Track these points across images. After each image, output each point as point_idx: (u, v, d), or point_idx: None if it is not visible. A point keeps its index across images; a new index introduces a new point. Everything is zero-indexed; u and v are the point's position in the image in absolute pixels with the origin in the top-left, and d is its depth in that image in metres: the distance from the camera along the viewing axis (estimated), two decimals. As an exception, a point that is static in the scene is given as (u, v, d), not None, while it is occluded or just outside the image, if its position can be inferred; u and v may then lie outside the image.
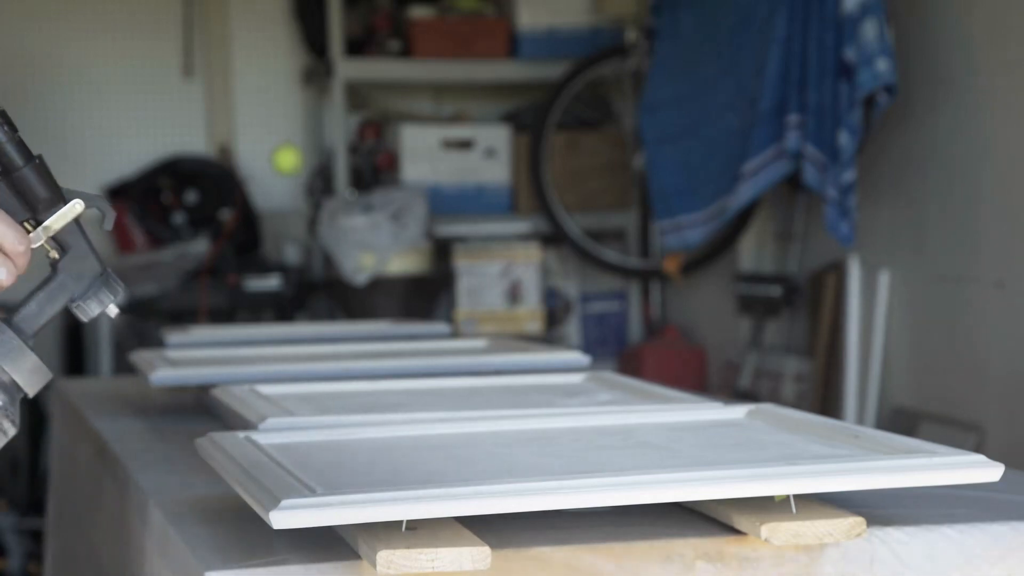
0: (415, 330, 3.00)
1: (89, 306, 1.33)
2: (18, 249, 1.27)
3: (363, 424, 1.66)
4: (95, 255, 1.33)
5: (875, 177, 4.10)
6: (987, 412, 3.67)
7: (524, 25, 5.24)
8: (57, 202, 1.30)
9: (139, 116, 5.25)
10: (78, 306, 1.33)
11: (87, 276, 1.33)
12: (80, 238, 1.32)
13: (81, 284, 1.33)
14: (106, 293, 1.34)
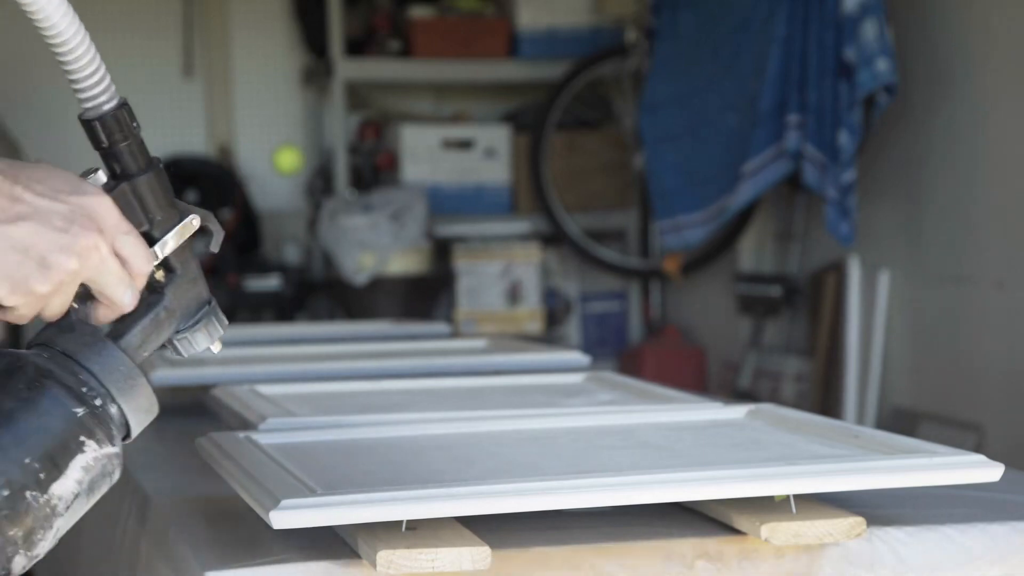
0: (415, 330, 3.00)
1: (196, 339, 1.17)
2: (144, 270, 1.12)
3: (363, 424, 1.66)
4: (203, 280, 1.17)
5: (875, 177, 4.10)
6: (987, 412, 3.67)
7: (524, 25, 5.24)
8: (175, 216, 1.14)
9: (139, 116, 5.24)
10: (183, 339, 1.16)
11: (195, 304, 1.17)
12: (191, 259, 1.16)
13: (189, 312, 1.16)
14: (215, 325, 1.18)
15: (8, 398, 1.06)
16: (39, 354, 1.10)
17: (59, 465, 1.06)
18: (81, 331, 1.12)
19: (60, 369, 1.09)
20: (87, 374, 1.10)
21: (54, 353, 1.10)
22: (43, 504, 1.06)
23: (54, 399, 1.08)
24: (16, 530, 1.05)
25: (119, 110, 1.15)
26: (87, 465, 1.08)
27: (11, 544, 1.05)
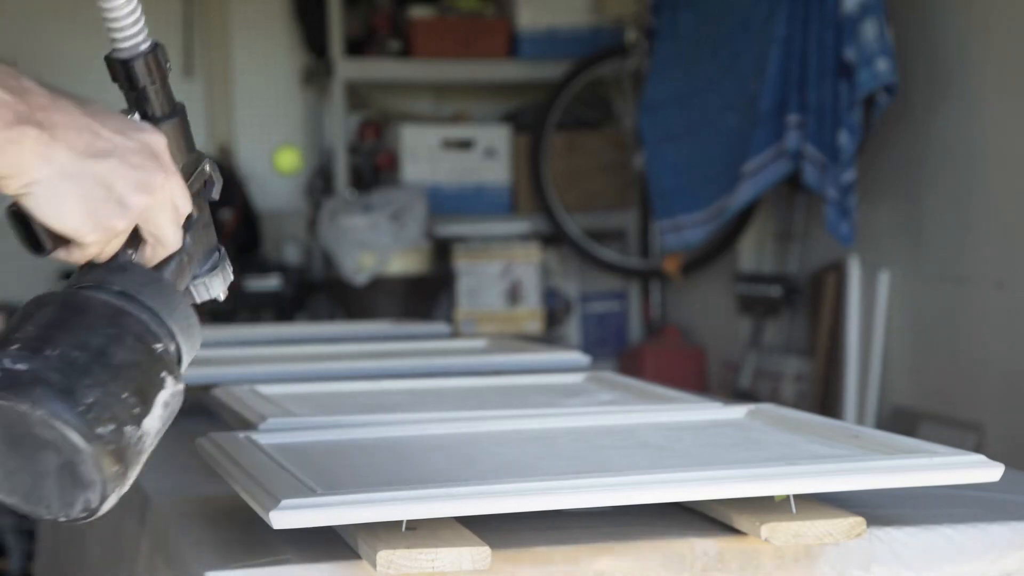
0: (415, 330, 3.00)
1: (212, 284, 1.17)
2: (187, 211, 1.13)
3: (363, 424, 1.66)
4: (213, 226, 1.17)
5: (875, 177, 4.10)
6: (987, 412, 3.67)
7: (524, 25, 5.24)
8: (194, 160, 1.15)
9: (139, 116, 5.25)
10: (199, 284, 1.16)
11: (209, 249, 1.17)
12: (205, 204, 1.16)
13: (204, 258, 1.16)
14: (226, 271, 1.18)
15: (94, 335, 1.04)
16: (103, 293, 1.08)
17: (147, 400, 1.05)
18: (134, 271, 1.11)
19: (132, 307, 1.08)
20: (150, 313, 1.08)
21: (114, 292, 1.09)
22: (139, 439, 1.05)
23: (137, 336, 1.06)
24: (119, 466, 1.04)
25: (154, 51, 1.14)
26: (167, 401, 1.07)
27: (112, 480, 1.04)
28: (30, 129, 1.06)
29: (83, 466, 1.02)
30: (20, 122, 1.06)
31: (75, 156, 1.08)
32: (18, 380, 1.00)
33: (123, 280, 1.09)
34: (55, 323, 1.04)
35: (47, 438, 1.01)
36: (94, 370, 1.02)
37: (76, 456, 1.02)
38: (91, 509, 1.05)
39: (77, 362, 1.02)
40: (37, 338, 1.03)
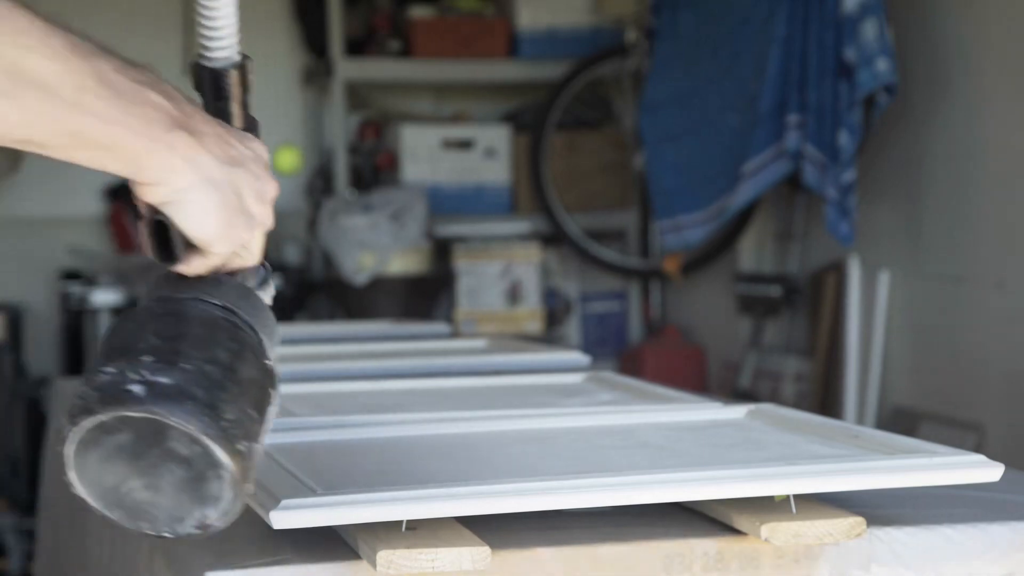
0: (415, 330, 3.00)
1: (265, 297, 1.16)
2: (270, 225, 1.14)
3: (363, 424, 1.66)
4: None
5: (875, 177, 4.10)
6: (987, 412, 3.67)
7: (524, 25, 5.24)
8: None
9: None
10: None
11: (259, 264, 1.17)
12: None
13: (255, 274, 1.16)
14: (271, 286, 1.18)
15: (220, 350, 1.04)
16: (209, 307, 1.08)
17: (264, 416, 1.06)
18: (229, 284, 1.11)
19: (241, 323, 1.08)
20: (251, 329, 1.09)
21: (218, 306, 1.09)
22: (258, 455, 1.05)
23: (254, 351, 1.07)
24: (247, 483, 1.04)
25: (244, 63, 1.14)
26: (272, 416, 1.07)
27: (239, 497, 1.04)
28: (183, 135, 1.06)
29: (214, 482, 1.02)
30: (175, 127, 1.05)
31: (218, 164, 1.07)
32: (164, 393, 0.99)
33: (222, 294, 1.10)
34: (180, 336, 1.04)
35: (182, 453, 1.01)
36: (227, 385, 1.02)
37: (212, 471, 1.01)
38: (206, 526, 1.04)
39: (212, 377, 1.02)
40: (169, 351, 1.02)
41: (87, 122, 1.00)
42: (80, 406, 1.00)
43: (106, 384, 1.00)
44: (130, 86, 1.03)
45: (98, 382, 1.00)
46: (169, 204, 1.07)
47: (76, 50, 1.00)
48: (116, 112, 1.01)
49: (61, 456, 1.05)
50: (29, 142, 1.00)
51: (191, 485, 1.02)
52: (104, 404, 0.99)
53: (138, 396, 0.99)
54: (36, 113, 0.98)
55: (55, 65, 0.98)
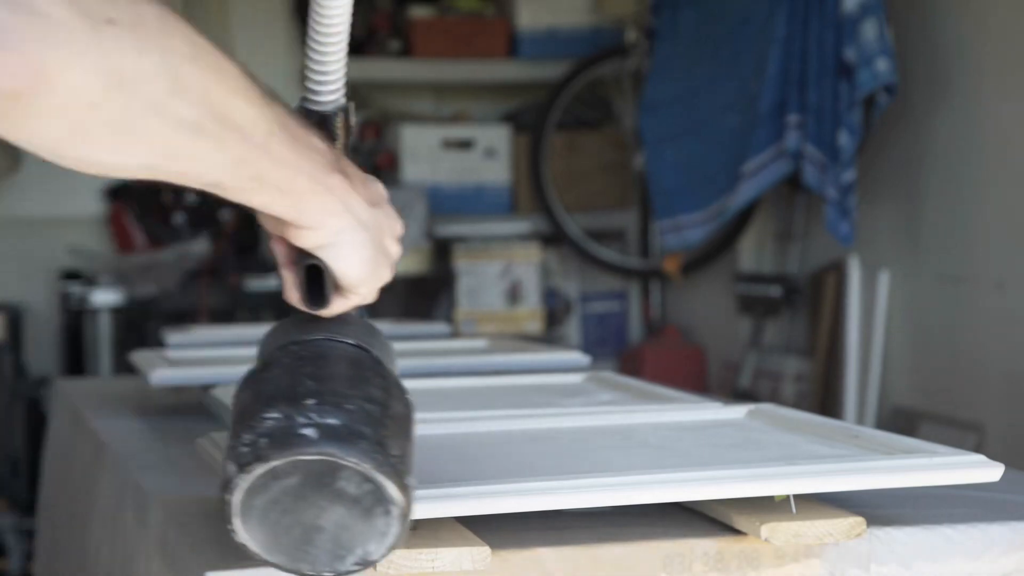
0: (415, 330, 2.99)
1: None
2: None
3: (363, 424, 1.66)
4: None
5: (875, 177, 4.10)
6: (987, 412, 3.67)
7: (524, 25, 5.24)
8: None
9: (139, 116, 5.24)
10: None
11: None
12: None
13: None
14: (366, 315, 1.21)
15: (373, 388, 1.06)
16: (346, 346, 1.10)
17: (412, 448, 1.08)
18: (356, 322, 1.12)
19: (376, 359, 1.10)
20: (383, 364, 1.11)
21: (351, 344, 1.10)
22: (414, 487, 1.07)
23: (397, 387, 1.09)
24: (410, 516, 1.05)
25: (348, 107, 1.15)
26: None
27: (405, 531, 1.05)
28: (339, 177, 1.08)
29: (381, 518, 1.03)
30: (334, 170, 1.07)
31: (365, 205, 1.09)
32: (336, 434, 1.00)
33: (352, 332, 1.11)
34: (333, 377, 1.05)
35: (350, 492, 1.02)
36: (386, 422, 1.04)
37: (380, 507, 1.03)
38: (368, 562, 1.05)
39: (373, 415, 1.03)
40: (329, 392, 1.03)
41: (271, 166, 1.02)
42: (250, 454, 1.01)
43: (275, 430, 1.00)
44: (300, 131, 1.05)
45: (265, 429, 1.01)
46: (324, 248, 1.08)
47: (263, 95, 1.01)
48: (293, 156, 1.03)
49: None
50: (218, 185, 1.01)
51: (354, 522, 1.03)
52: (277, 450, 1.00)
53: (311, 439, 0.99)
54: (234, 156, 0.99)
55: (252, 110, 0.99)
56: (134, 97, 0.91)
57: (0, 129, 0.88)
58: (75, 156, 0.93)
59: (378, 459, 1.01)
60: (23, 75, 0.85)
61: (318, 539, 1.03)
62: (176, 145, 0.95)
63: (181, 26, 0.95)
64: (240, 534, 1.03)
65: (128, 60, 0.89)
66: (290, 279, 1.12)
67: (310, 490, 1.02)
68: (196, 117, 0.95)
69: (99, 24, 0.87)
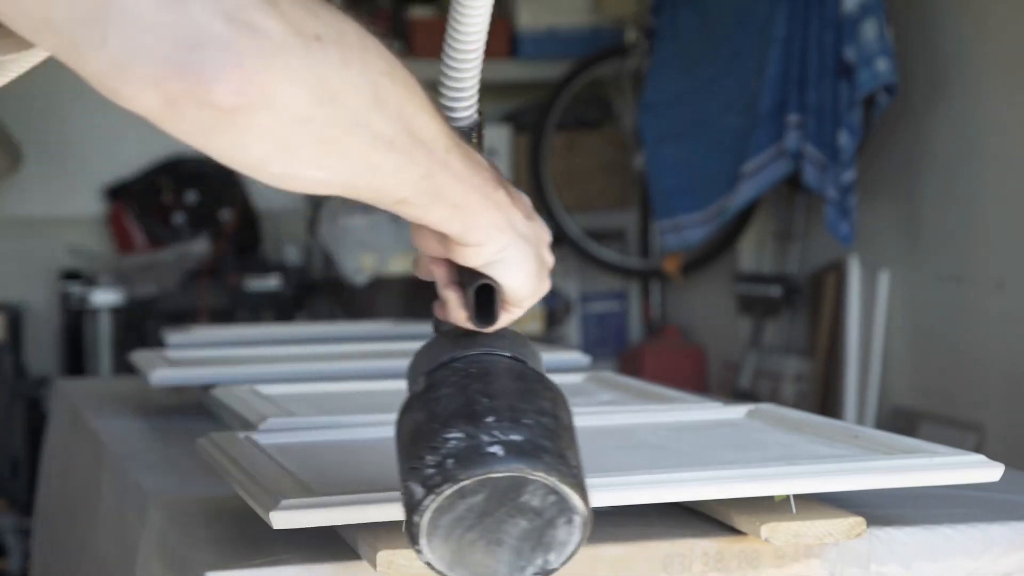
0: (416, 330, 2.99)
1: None
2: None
3: (363, 424, 1.66)
4: None
5: (875, 177, 4.10)
6: (987, 412, 3.67)
7: (524, 25, 5.24)
8: None
9: (140, 116, 5.23)
10: None
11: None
12: None
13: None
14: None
15: (543, 401, 1.08)
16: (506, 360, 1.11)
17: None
18: (505, 334, 1.13)
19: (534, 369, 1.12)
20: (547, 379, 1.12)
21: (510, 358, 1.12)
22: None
23: (563, 398, 1.11)
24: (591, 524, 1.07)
25: (482, 121, 1.15)
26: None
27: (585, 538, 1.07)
28: (503, 192, 1.08)
29: (563, 528, 1.05)
30: (499, 185, 1.08)
31: (524, 219, 1.10)
32: (521, 450, 1.02)
33: (507, 344, 1.13)
34: (505, 393, 1.07)
35: (534, 504, 1.04)
36: (560, 433, 1.06)
37: (562, 518, 1.04)
38: (547, 570, 1.07)
39: (549, 427, 1.05)
40: (506, 409, 1.05)
41: (449, 180, 1.03)
42: (437, 475, 1.02)
43: (462, 450, 1.02)
44: (468, 147, 1.06)
45: (450, 450, 1.02)
46: (492, 264, 1.09)
47: (439, 111, 1.03)
48: (468, 172, 1.04)
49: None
50: (405, 201, 1.02)
51: (535, 534, 1.05)
52: (466, 469, 1.02)
53: (499, 457, 1.01)
54: (421, 171, 1.00)
55: (435, 125, 1.01)
56: (339, 112, 0.92)
57: (208, 144, 0.90)
58: (279, 172, 0.93)
59: (562, 471, 1.03)
60: (245, 92, 0.86)
61: (499, 552, 1.05)
62: (374, 161, 0.97)
63: (376, 42, 0.98)
64: (426, 553, 1.05)
65: (334, 75, 0.91)
66: (454, 299, 1.12)
67: (494, 506, 1.04)
68: (392, 132, 0.97)
69: (309, 40, 0.90)
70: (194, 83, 0.85)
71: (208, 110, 0.86)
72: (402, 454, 1.07)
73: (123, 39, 0.84)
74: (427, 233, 1.09)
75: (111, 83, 0.86)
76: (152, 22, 0.84)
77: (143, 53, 0.84)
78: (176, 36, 0.84)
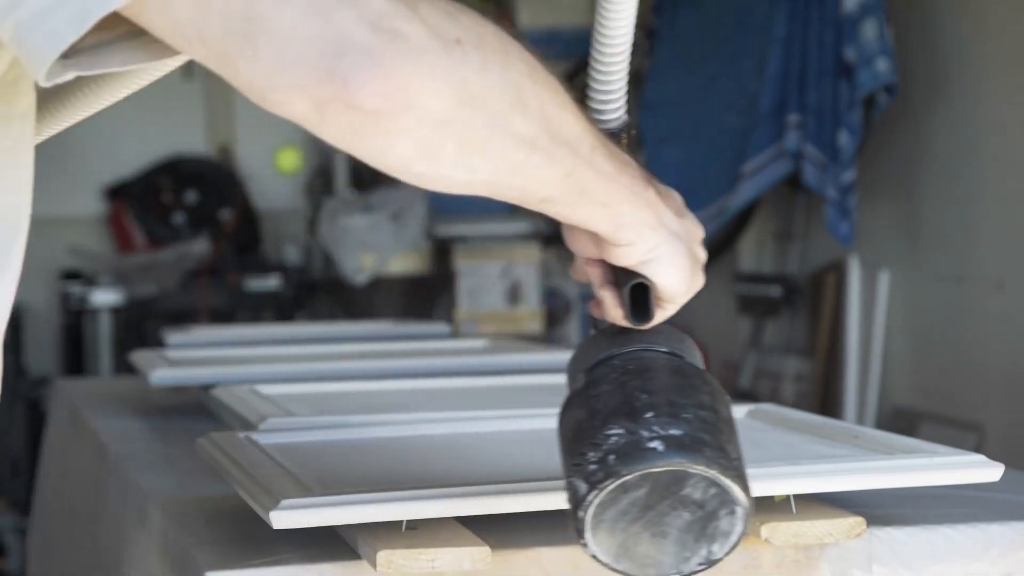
0: (415, 330, 3.00)
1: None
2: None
3: (363, 424, 1.66)
4: None
5: (875, 177, 4.10)
6: (987, 412, 3.67)
7: (524, 25, 5.24)
8: None
9: (139, 116, 5.25)
10: None
11: None
12: None
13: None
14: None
15: (702, 395, 1.10)
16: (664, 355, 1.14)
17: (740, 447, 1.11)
18: (662, 329, 1.16)
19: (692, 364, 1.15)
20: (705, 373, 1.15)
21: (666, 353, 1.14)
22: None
23: (722, 391, 1.13)
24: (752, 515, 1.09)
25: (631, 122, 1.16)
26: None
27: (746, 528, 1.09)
28: (652, 191, 1.10)
29: (725, 519, 1.07)
30: (648, 184, 1.09)
31: (674, 217, 1.12)
32: (681, 444, 1.04)
33: (664, 340, 1.15)
34: (663, 388, 1.09)
35: (695, 497, 1.06)
36: (720, 426, 1.08)
37: (724, 509, 1.07)
38: (711, 561, 1.09)
39: (708, 421, 1.07)
40: (665, 404, 1.07)
41: (595, 179, 1.04)
42: (600, 471, 1.05)
43: (623, 446, 1.04)
44: (614, 147, 1.07)
45: (611, 446, 1.05)
46: (645, 263, 1.11)
47: (583, 111, 1.05)
48: (614, 170, 1.05)
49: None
50: (548, 200, 1.03)
51: (698, 525, 1.07)
52: (628, 464, 1.04)
53: (659, 451, 1.04)
54: (564, 169, 1.02)
55: (578, 125, 1.03)
56: (480, 113, 0.95)
57: (356, 147, 0.93)
58: (421, 172, 0.96)
59: (723, 464, 1.05)
60: (388, 95, 0.90)
61: (664, 544, 1.08)
62: (515, 160, 0.99)
63: (516, 44, 1.00)
64: (592, 548, 1.07)
65: (475, 77, 0.94)
66: (609, 298, 1.14)
67: (656, 499, 1.06)
68: (533, 132, 0.99)
69: (449, 44, 0.92)
70: (340, 88, 0.89)
71: (354, 113, 0.90)
72: (565, 451, 1.10)
73: (274, 51, 0.88)
74: (580, 234, 1.12)
75: (263, 92, 0.90)
76: (300, 33, 0.88)
77: (292, 62, 0.89)
78: (323, 45, 0.88)
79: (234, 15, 0.88)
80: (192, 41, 0.90)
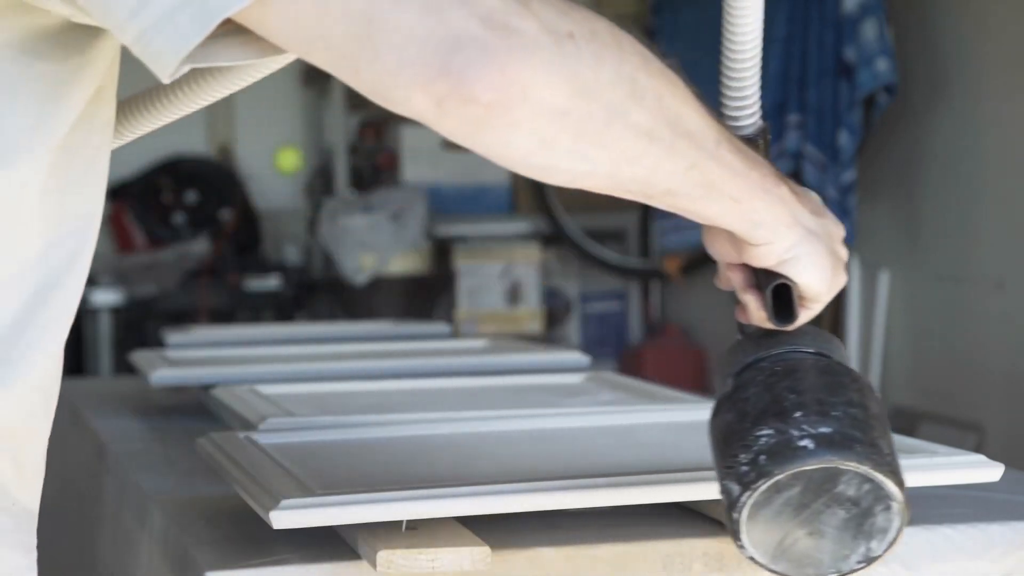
0: (415, 330, 3.00)
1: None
2: None
3: (363, 424, 1.66)
4: None
5: (875, 177, 4.10)
6: (987, 412, 3.67)
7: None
8: None
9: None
10: None
11: None
12: None
13: None
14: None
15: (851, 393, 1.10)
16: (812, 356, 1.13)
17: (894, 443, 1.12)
18: (807, 330, 1.15)
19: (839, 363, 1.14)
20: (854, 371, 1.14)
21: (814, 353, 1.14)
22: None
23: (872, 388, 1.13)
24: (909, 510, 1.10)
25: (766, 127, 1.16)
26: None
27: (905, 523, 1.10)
28: (787, 188, 1.09)
29: (881, 515, 1.08)
30: (781, 181, 1.09)
31: (810, 216, 1.11)
32: (832, 442, 1.05)
33: (810, 340, 1.15)
34: (812, 388, 1.09)
35: (849, 494, 1.07)
36: (871, 423, 1.08)
37: (879, 505, 1.08)
38: (869, 558, 1.09)
39: (858, 418, 1.08)
40: (813, 402, 1.07)
41: (723, 173, 1.04)
42: (751, 472, 1.06)
43: (773, 446, 1.06)
44: (743, 145, 1.07)
45: (762, 446, 1.06)
46: (786, 263, 1.10)
47: (705, 106, 1.05)
48: (743, 166, 1.05)
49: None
50: (671, 192, 1.03)
51: (854, 523, 1.08)
52: (780, 464, 1.05)
53: (810, 450, 1.04)
54: (686, 162, 1.02)
55: (700, 119, 1.03)
56: (596, 105, 0.95)
57: (475, 141, 0.96)
58: (540, 164, 0.97)
59: (875, 459, 1.06)
60: (503, 88, 0.91)
61: (821, 543, 1.08)
62: (634, 152, 0.99)
63: (630, 38, 0.99)
64: (748, 549, 1.08)
65: (589, 70, 0.94)
66: (753, 302, 1.14)
67: (811, 498, 1.07)
68: (651, 123, 0.99)
69: (562, 38, 0.93)
70: (456, 82, 0.92)
71: (471, 107, 0.93)
72: (717, 455, 1.12)
73: (393, 51, 0.91)
74: (720, 239, 1.12)
75: (384, 91, 0.95)
76: (416, 33, 0.91)
77: (410, 61, 0.92)
78: (438, 42, 0.91)
79: (355, 18, 0.90)
80: (313, 43, 0.92)
